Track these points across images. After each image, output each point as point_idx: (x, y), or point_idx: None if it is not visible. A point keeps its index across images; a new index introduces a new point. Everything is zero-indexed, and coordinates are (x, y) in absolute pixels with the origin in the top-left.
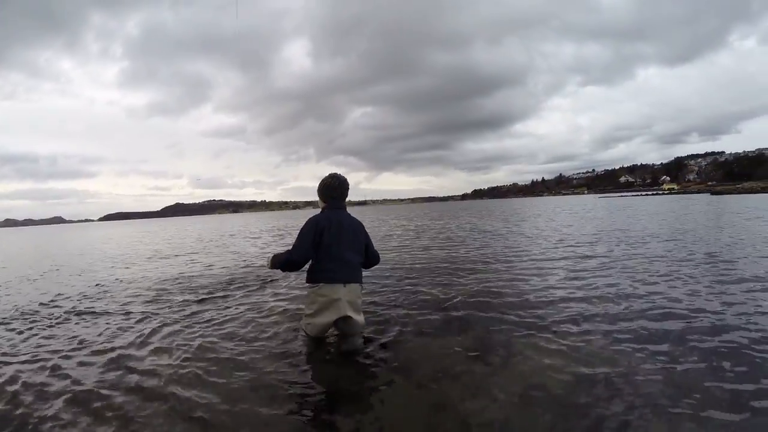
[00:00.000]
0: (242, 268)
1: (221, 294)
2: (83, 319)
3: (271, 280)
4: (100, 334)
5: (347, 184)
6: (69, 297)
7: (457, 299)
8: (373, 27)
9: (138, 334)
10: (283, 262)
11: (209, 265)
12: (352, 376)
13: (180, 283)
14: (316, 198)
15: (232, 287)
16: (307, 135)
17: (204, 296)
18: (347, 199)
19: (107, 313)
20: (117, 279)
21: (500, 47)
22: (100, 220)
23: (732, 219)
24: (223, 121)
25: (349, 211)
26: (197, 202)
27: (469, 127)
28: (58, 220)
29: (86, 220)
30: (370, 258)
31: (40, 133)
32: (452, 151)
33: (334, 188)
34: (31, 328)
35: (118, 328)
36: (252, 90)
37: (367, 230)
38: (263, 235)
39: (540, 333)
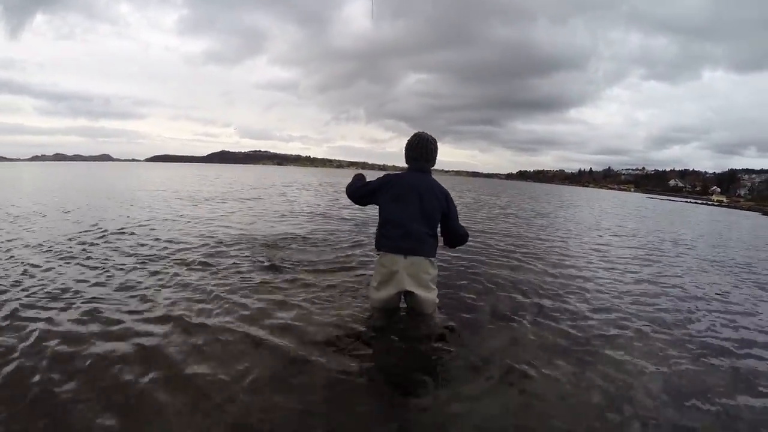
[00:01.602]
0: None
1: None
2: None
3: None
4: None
5: (431, 144)
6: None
7: (535, 285)
8: None
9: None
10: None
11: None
12: (418, 363)
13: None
14: (360, 159)
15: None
16: (360, 96)
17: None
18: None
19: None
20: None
21: (564, 27)
22: (146, 160)
23: None
24: (277, 74)
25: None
26: (242, 151)
27: (521, 106)
28: (105, 158)
29: (133, 160)
30: (450, 233)
31: (95, 74)
32: (501, 129)
33: (413, 147)
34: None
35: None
36: (308, 46)
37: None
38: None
39: (622, 332)
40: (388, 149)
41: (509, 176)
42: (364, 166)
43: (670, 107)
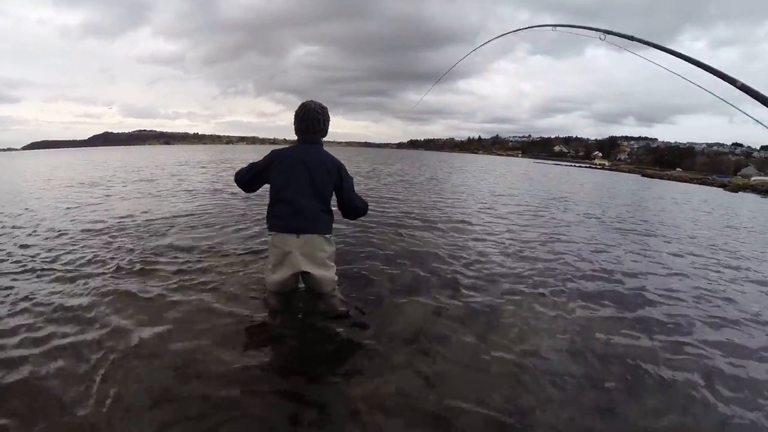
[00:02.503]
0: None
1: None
2: None
3: None
4: None
5: (319, 114)
6: None
7: (433, 254)
8: None
9: None
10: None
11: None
12: (321, 346)
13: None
14: (250, 134)
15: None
16: (248, 68)
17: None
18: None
19: None
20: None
21: (456, 2)
22: (24, 148)
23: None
24: (162, 47)
25: (274, 149)
26: (126, 131)
27: (412, 78)
28: None
29: (8, 149)
30: (346, 205)
31: None
32: (392, 99)
33: (300, 118)
34: None
35: None
36: (195, 16)
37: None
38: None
39: (527, 293)
40: (279, 122)
41: (400, 145)
42: (254, 140)
43: (554, 80)
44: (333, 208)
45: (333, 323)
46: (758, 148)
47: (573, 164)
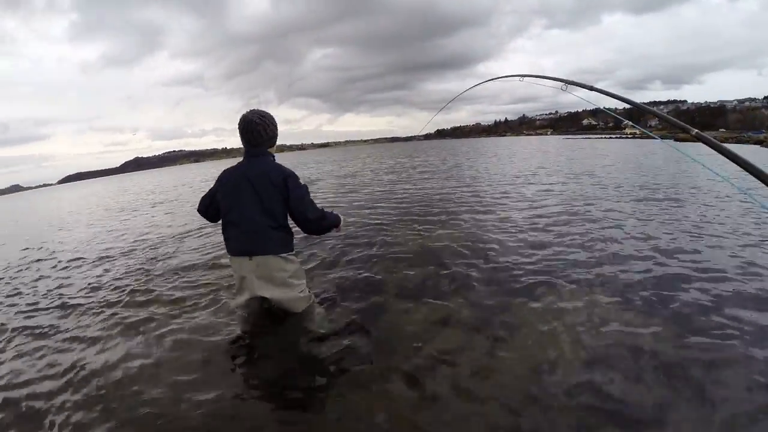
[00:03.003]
0: None
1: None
2: None
3: None
4: None
5: (256, 125)
6: None
7: (445, 251)
8: None
9: None
10: None
11: None
12: (302, 369)
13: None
14: (279, 142)
15: None
16: (268, 78)
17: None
18: (282, 143)
19: None
20: None
21: None
22: (60, 182)
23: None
24: (180, 69)
25: (303, 155)
26: (156, 154)
27: (430, 68)
28: (15, 189)
29: (44, 185)
30: (297, 219)
31: None
32: (413, 92)
33: (240, 132)
34: None
35: None
36: (208, 34)
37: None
38: None
39: (544, 294)
40: (304, 128)
41: (428, 136)
42: (282, 148)
43: (574, 52)
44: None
45: (317, 347)
46: None
47: (603, 136)
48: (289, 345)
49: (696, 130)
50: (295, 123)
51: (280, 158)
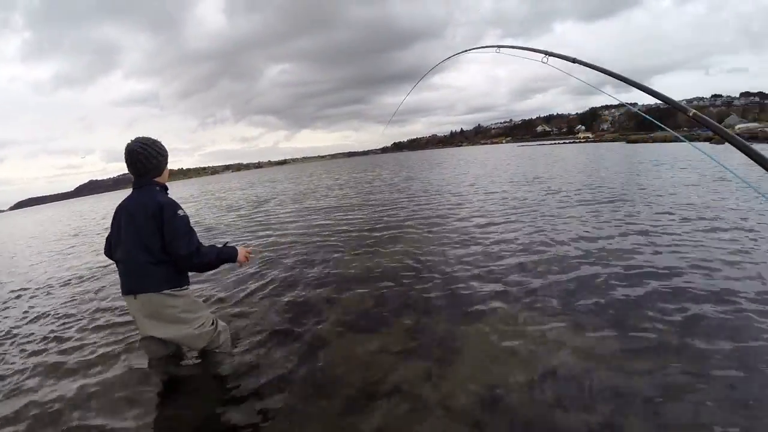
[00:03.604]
0: None
1: None
2: None
3: None
4: None
5: (138, 154)
6: None
7: (393, 269)
8: None
9: None
10: None
11: None
12: (221, 410)
13: None
14: (236, 160)
15: None
16: (224, 96)
17: None
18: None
19: None
20: None
21: (418, 0)
22: (11, 209)
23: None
24: (135, 88)
25: (260, 174)
26: (111, 177)
27: (387, 81)
28: None
29: None
30: (173, 256)
31: None
32: (370, 105)
33: (126, 163)
34: None
35: None
36: (164, 52)
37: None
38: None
39: (485, 313)
40: (261, 145)
41: (385, 150)
42: (239, 167)
43: (528, 61)
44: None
45: (234, 386)
46: (738, 95)
47: (557, 142)
48: (192, 390)
49: (693, 111)
50: (252, 141)
51: (238, 177)
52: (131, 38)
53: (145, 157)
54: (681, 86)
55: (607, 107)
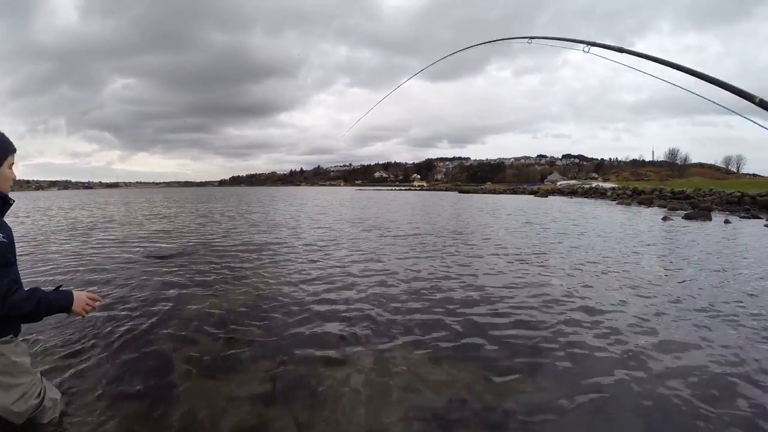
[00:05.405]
0: None
1: None
2: None
3: None
4: None
5: None
6: None
7: (231, 313)
8: None
9: None
10: None
11: None
12: None
13: None
14: (64, 177)
15: None
16: (60, 103)
17: None
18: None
19: None
20: None
21: (279, 38)
22: None
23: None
24: None
25: (94, 195)
26: None
27: (233, 112)
28: None
29: None
30: None
31: None
32: (213, 135)
33: None
34: None
35: None
36: (6, 40)
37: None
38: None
39: (346, 353)
40: (94, 164)
41: (222, 183)
42: (67, 185)
43: (374, 110)
44: None
45: None
46: (560, 156)
47: (394, 188)
48: None
49: (759, 97)
50: (84, 157)
51: (65, 195)
52: None
53: None
54: (511, 144)
55: (442, 159)
